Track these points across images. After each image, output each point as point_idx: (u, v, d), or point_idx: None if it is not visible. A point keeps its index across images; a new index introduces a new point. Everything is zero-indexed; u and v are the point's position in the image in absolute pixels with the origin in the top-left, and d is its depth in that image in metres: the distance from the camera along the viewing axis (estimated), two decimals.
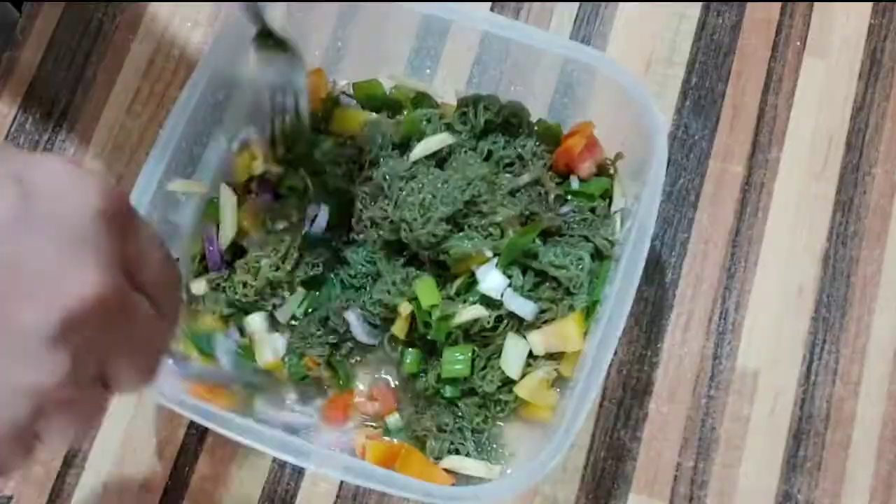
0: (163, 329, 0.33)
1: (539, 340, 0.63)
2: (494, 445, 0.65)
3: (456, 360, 0.63)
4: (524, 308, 0.63)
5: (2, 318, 0.28)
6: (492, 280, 0.62)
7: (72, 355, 0.28)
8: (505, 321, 0.63)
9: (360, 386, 0.67)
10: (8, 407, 0.28)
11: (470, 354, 0.63)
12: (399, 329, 0.64)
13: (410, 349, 0.64)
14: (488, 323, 0.63)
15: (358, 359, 0.67)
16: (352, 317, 0.65)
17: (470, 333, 0.63)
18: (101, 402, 0.32)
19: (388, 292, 0.64)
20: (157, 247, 0.33)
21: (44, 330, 0.28)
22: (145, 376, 0.33)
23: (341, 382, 0.66)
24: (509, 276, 0.63)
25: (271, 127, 0.67)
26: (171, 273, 0.34)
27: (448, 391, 0.64)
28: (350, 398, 0.66)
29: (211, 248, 0.67)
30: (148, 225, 0.34)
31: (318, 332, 0.65)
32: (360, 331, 0.65)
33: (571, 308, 0.63)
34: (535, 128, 0.69)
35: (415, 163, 0.66)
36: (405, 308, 0.63)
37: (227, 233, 0.67)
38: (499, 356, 0.63)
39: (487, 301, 0.63)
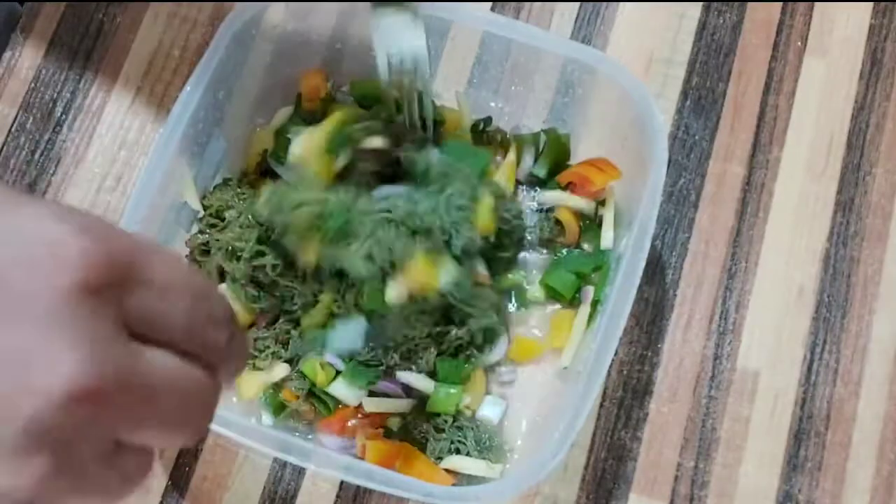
0: (201, 385, 0.29)
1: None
2: (495, 444, 0.65)
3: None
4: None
5: None
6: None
7: (52, 453, 0.25)
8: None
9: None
10: None
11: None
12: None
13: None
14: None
15: None
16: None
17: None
18: (131, 471, 0.28)
19: None
20: (178, 296, 0.28)
21: (9, 436, 0.24)
22: (184, 438, 0.29)
23: (329, 407, 0.64)
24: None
25: (395, 104, 0.61)
26: (200, 318, 0.29)
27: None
28: (341, 416, 0.65)
29: None
30: (165, 267, 0.28)
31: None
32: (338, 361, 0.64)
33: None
34: (544, 137, 0.69)
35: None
36: None
37: None
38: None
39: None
